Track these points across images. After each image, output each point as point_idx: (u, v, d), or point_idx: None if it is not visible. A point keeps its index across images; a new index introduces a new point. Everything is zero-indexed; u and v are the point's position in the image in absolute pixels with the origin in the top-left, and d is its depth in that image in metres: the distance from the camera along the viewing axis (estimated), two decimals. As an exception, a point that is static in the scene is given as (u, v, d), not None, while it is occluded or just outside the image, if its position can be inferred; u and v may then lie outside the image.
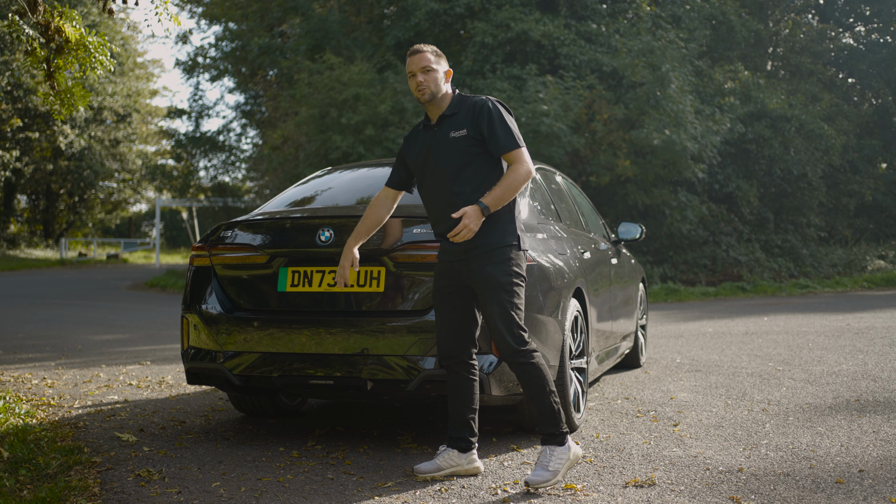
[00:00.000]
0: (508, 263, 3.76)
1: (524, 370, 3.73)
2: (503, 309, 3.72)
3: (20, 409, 5.28)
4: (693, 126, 17.66)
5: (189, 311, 4.58)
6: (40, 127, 34.42)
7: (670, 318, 12.12)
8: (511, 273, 3.75)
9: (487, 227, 3.76)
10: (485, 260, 3.75)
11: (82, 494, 3.56)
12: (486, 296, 3.75)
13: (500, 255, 3.76)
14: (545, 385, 3.73)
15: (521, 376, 3.75)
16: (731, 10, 22.62)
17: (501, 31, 19.01)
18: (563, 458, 3.72)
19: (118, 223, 51.09)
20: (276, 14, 23.75)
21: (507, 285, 3.73)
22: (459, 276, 3.85)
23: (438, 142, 3.89)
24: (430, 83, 3.87)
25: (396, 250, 4.23)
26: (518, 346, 3.71)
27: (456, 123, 3.86)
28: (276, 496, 3.57)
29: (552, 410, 3.75)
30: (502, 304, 3.72)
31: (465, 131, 3.81)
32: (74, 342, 9.46)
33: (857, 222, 24.24)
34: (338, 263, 4.25)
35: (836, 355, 7.52)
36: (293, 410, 5.26)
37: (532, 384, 3.73)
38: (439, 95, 3.90)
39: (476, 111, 3.83)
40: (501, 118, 3.81)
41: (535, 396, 3.74)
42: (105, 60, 5.85)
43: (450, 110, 3.90)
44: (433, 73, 3.88)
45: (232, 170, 28.45)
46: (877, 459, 4.08)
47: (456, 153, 3.84)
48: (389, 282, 4.23)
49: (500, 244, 3.76)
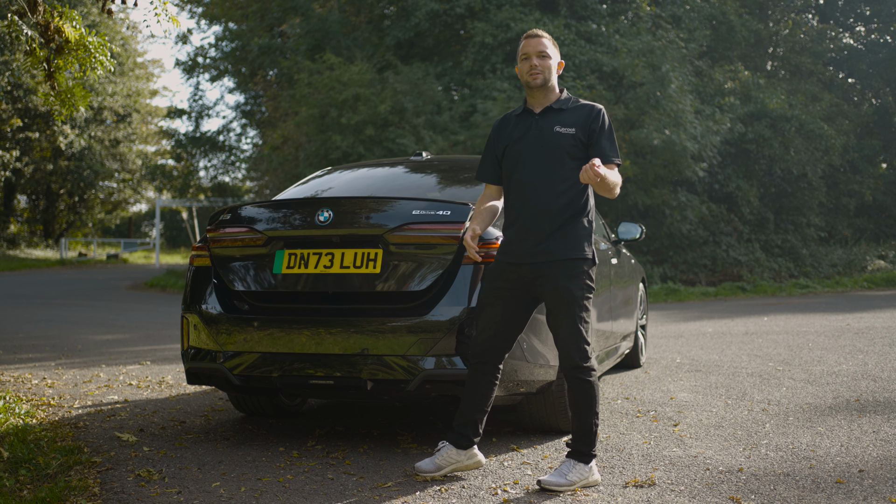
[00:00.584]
0: (582, 277, 3.72)
1: (581, 386, 3.72)
2: (574, 324, 3.70)
3: (20, 409, 5.28)
4: (693, 126, 17.66)
5: (189, 311, 4.58)
6: (40, 127, 34.41)
7: (670, 318, 12.12)
8: (584, 287, 3.72)
9: (565, 235, 3.72)
10: (559, 271, 3.70)
11: (82, 494, 3.56)
12: (559, 309, 3.72)
13: (575, 267, 3.71)
14: (593, 406, 3.73)
15: (576, 391, 3.73)
16: (732, 10, 22.62)
17: (501, 31, 19.02)
18: (583, 475, 3.70)
19: (118, 223, 51.09)
20: (275, 14, 23.75)
21: (580, 300, 3.70)
22: (522, 281, 3.79)
23: (539, 132, 3.81)
24: (545, 69, 3.83)
25: (394, 231, 4.21)
26: (581, 363, 3.70)
27: (563, 120, 3.80)
28: (276, 496, 3.56)
29: (591, 431, 3.74)
30: (574, 318, 3.69)
31: (574, 131, 3.77)
32: (74, 342, 9.46)
33: (857, 222, 24.23)
34: (336, 246, 4.25)
35: (836, 355, 7.52)
36: (293, 410, 5.26)
37: (583, 401, 3.72)
38: (549, 84, 3.86)
39: (591, 116, 3.79)
40: (611, 130, 3.81)
41: (581, 414, 3.73)
42: (105, 60, 5.85)
43: (557, 105, 3.85)
44: (548, 59, 3.84)
45: (232, 170, 28.46)
46: (877, 459, 4.08)
47: (558, 149, 3.76)
48: (386, 262, 4.20)
49: (576, 256, 3.72)
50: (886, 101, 26.81)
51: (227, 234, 4.53)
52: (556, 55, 3.90)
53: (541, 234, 3.75)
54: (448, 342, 4.07)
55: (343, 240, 4.28)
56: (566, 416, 4.62)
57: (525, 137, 3.83)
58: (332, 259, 4.24)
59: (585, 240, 3.76)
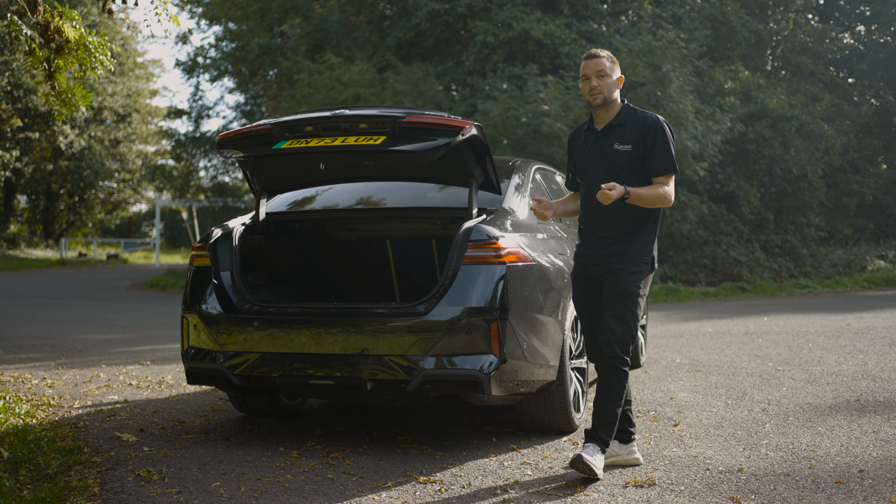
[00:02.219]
0: (640, 276, 3.93)
1: (613, 374, 3.89)
2: (623, 315, 3.89)
3: (20, 409, 5.28)
4: (693, 126, 17.66)
5: (189, 311, 4.58)
6: (40, 127, 34.40)
7: (670, 318, 12.12)
8: (640, 285, 3.92)
9: (629, 238, 3.94)
10: (620, 266, 3.93)
11: (82, 494, 3.56)
12: (613, 298, 3.92)
13: (635, 266, 3.93)
14: (620, 396, 3.90)
15: (608, 378, 3.90)
16: (732, 10, 22.62)
17: (503, 30, 19.00)
18: (604, 457, 3.91)
19: (118, 223, 51.05)
20: (276, 14, 23.73)
21: (633, 296, 3.90)
22: (591, 276, 4.03)
23: (601, 149, 4.01)
24: (604, 88, 3.98)
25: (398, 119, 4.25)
26: (620, 353, 3.88)
27: (622, 136, 3.97)
28: (276, 496, 3.56)
29: (615, 419, 3.91)
30: (624, 310, 3.89)
31: (631, 147, 3.94)
32: (74, 342, 9.46)
33: (857, 222, 24.21)
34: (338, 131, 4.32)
35: (836, 355, 7.52)
36: (293, 410, 5.25)
37: (611, 390, 3.89)
38: (608, 101, 4.00)
39: (645, 128, 3.94)
40: (666, 141, 3.93)
41: (609, 402, 3.89)
42: (105, 60, 5.85)
43: (617, 120, 4.01)
44: (607, 78, 3.98)
45: (232, 170, 28.42)
46: (877, 459, 4.08)
47: (615, 166, 3.96)
48: (387, 141, 4.25)
49: (637, 258, 3.94)
50: (886, 100, 26.79)
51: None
52: (616, 71, 4.02)
53: (603, 241, 3.99)
54: (448, 342, 4.07)
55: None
56: (566, 416, 4.63)
57: (590, 155, 4.06)
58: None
59: (647, 245, 3.97)
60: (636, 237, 3.95)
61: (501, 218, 4.52)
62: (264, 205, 5.02)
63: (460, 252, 4.17)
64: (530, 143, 16.38)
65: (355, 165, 4.65)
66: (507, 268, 4.17)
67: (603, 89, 3.97)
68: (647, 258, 3.96)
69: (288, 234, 5.31)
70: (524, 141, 16.57)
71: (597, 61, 3.98)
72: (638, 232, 3.96)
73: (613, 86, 3.99)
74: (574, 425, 4.70)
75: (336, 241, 5.67)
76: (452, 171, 4.62)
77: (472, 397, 4.21)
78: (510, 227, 4.48)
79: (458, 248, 4.19)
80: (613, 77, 3.99)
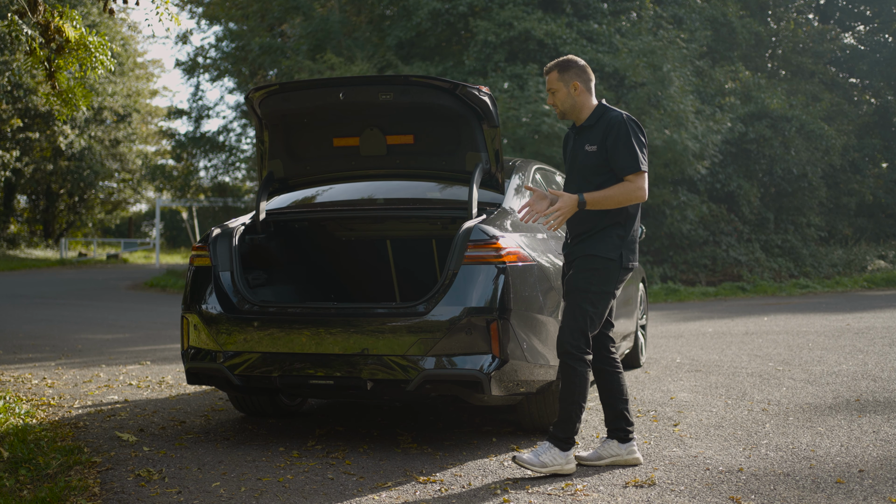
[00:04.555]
0: (593, 273, 3.91)
1: (563, 369, 3.92)
2: (569, 309, 3.92)
3: (20, 409, 5.28)
4: (694, 126, 17.66)
5: (189, 311, 4.58)
6: (40, 127, 34.39)
7: (670, 318, 12.12)
8: (591, 282, 3.91)
9: (595, 237, 3.94)
10: (575, 263, 3.96)
11: (82, 494, 3.56)
12: (566, 294, 3.99)
13: (588, 263, 3.92)
14: (575, 393, 3.90)
15: (563, 374, 3.92)
16: (732, 10, 22.62)
17: (504, 29, 18.99)
18: (557, 460, 3.86)
19: (118, 223, 51.05)
20: (276, 14, 23.72)
21: (581, 292, 3.91)
22: (565, 274, 4.08)
23: (576, 150, 4.06)
24: (558, 103, 4.05)
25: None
26: (570, 349, 3.89)
27: (591, 137, 3.99)
28: (276, 496, 3.56)
29: (570, 418, 3.90)
30: (571, 305, 3.92)
31: (596, 148, 3.95)
32: (74, 342, 9.46)
33: (857, 222, 24.21)
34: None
35: (836, 355, 7.52)
36: (293, 410, 5.25)
37: (563, 386, 3.91)
38: (573, 111, 4.04)
39: (609, 127, 3.95)
40: (629, 139, 3.90)
41: (563, 399, 3.92)
42: (105, 60, 5.85)
43: (589, 121, 4.03)
44: (559, 93, 4.02)
45: (232, 170, 28.42)
46: (877, 459, 4.08)
47: (587, 166, 3.98)
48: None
49: (594, 256, 3.92)
50: (886, 100, 26.79)
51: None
52: (568, 79, 4.00)
53: (573, 241, 4.03)
54: (448, 342, 4.08)
55: None
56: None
57: (569, 157, 4.12)
58: None
59: (608, 240, 3.93)
60: (601, 237, 3.93)
61: (501, 218, 4.52)
62: (264, 205, 5.02)
63: (460, 252, 4.17)
64: (530, 142, 16.37)
65: (373, 102, 4.64)
66: (508, 268, 4.17)
67: (558, 104, 4.05)
68: (607, 255, 3.91)
69: (288, 233, 5.31)
70: (524, 141, 16.57)
71: (547, 79, 4.06)
72: (604, 232, 3.93)
73: (568, 96, 4.01)
74: (574, 425, 4.70)
75: (336, 241, 5.67)
76: (460, 144, 4.69)
77: (472, 397, 4.21)
78: (510, 227, 4.48)
79: (458, 247, 4.19)
80: (563, 89, 4.01)
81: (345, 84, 4.60)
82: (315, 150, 5.02)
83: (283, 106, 4.75)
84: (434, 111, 4.59)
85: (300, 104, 4.73)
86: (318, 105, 4.71)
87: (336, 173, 5.12)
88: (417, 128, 4.78)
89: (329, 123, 4.87)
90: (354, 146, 4.90)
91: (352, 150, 4.92)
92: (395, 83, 4.56)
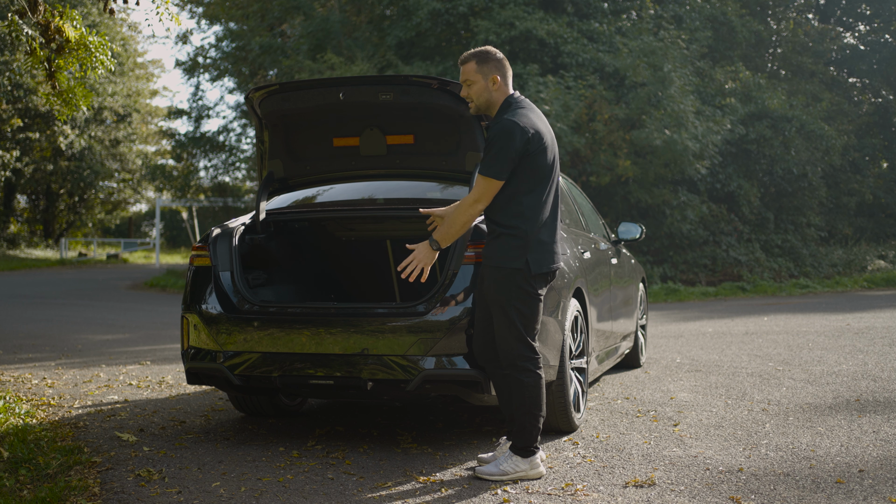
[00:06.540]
0: (503, 284, 3.77)
1: (513, 382, 3.81)
2: (499, 323, 3.80)
3: (20, 409, 5.28)
4: (694, 126, 17.66)
5: (189, 311, 4.58)
6: (40, 127, 34.39)
7: (670, 318, 12.12)
8: (506, 293, 3.77)
9: (493, 243, 3.81)
10: (490, 275, 3.82)
11: (82, 494, 3.56)
12: (492, 309, 3.84)
13: (495, 273, 3.80)
14: (526, 403, 3.79)
15: (512, 386, 3.82)
16: (733, 10, 22.62)
17: (505, 29, 19.00)
18: (520, 467, 3.79)
19: (118, 223, 51.06)
20: (276, 14, 23.73)
21: (503, 303, 3.78)
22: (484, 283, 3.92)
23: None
24: (473, 97, 3.88)
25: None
26: (513, 360, 3.79)
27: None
28: (276, 496, 3.57)
29: (526, 427, 3.81)
30: (499, 318, 3.79)
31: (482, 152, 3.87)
32: (74, 342, 9.46)
33: (857, 222, 24.21)
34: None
35: (836, 355, 7.52)
36: (293, 410, 5.25)
37: (517, 398, 3.81)
38: (488, 106, 3.88)
39: (488, 135, 3.83)
40: (492, 142, 3.73)
41: (517, 410, 3.83)
42: (106, 60, 5.85)
43: (494, 120, 3.87)
44: (475, 85, 3.86)
45: (232, 170, 28.43)
46: (877, 459, 4.08)
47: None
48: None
49: (498, 264, 3.78)
50: (887, 100, 26.79)
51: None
52: (487, 72, 3.84)
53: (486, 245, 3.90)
54: (448, 342, 4.08)
55: None
56: (566, 416, 4.62)
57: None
58: None
59: (513, 249, 3.75)
60: (499, 245, 3.78)
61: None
62: (264, 204, 5.02)
63: (460, 252, 4.17)
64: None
65: (373, 102, 4.63)
66: (507, 268, 4.16)
67: (472, 97, 3.87)
68: (511, 265, 3.74)
69: (288, 233, 5.31)
70: (524, 141, 16.56)
71: (462, 69, 3.87)
72: (499, 240, 3.78)
73: (485, 90, 3.84)
74: (574, 425, 4.70)
75: (336, 241, 5.67)
76: (460, 144, 4.69)
77: (472, 397, 4.21)
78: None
79: (458, 248, 4.19)
80: (484, 81, 3.83)
81: (345, 84, 4.60)
82: (315, 150, 5.02)
83: (283, 106, 4.75)
84: (434, 111, 4.59)
85: (300, 104, 4.73)
86: (318, 105, 4.72)
87: (336, 173, 5.12)
88: (417, 128, 4.78)
89: (329, 123, 4.87)
90: (354, 146, 4.90)
91: (352, 150, 4.92)
92: (396, 83, 4.55)
